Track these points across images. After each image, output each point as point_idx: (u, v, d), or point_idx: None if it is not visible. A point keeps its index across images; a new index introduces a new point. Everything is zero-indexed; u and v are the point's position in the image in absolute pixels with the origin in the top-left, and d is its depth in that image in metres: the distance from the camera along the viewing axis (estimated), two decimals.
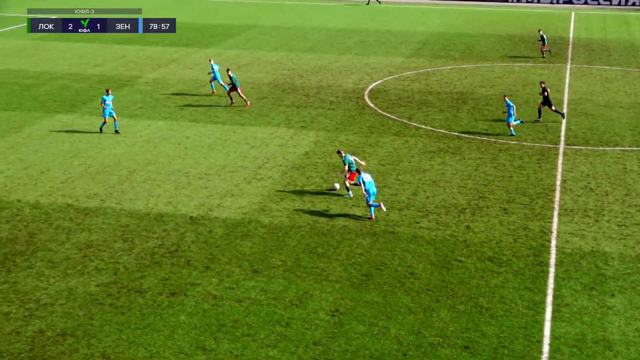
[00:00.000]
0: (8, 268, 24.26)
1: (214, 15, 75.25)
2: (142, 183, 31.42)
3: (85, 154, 34.85)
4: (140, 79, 48.69)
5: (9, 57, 54.92)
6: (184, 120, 40.03)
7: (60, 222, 27.67)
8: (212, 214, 28.36)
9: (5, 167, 33.13)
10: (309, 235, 26.74)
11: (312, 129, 38.75)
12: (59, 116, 40.54)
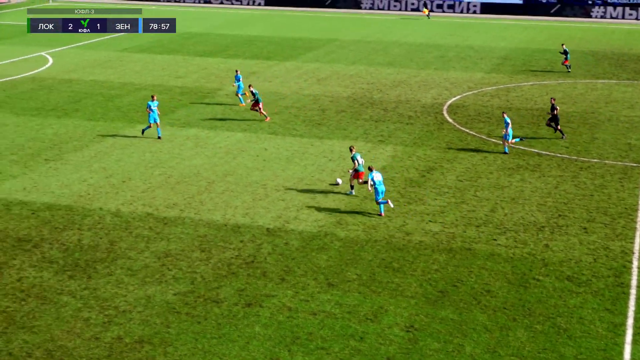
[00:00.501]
0: (89, 275, 24.74)
1: (295, 29, 75.76)
2: (221, 194, 31.74)
3: (166, 164, 35.38)
4: (220, 91, 49.27)
5: (96, 68, 56.18)
6: (263, 133, 40.34)
7: (140, 230, 28.12)
8: (289, 226, 28.48)
9: (88, 176, 33.84)
10: (385, 249, 26.64)
11: (389, 143, 38.65)
12: (141, 126, 41.25)
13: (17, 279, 24.39)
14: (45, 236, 27.60)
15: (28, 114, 43.81)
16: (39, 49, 64.23)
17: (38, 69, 56.19)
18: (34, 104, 45.82)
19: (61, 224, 28.65)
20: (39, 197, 31.28)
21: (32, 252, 26.30)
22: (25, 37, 69.82)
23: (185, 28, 75.86)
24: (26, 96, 47.90)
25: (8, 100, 46.71)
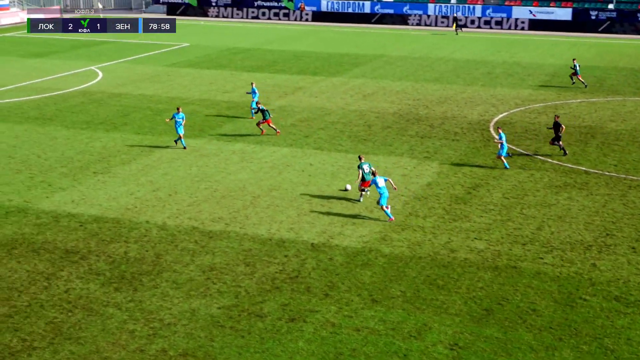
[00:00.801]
0: (135, 287, 24.94)
1: (342, 45, 75.94)
2: (266, 208, 31.84)
3: (212, 178, 35.60)
4: (267, 106, 49.48)
5: (144, 83, 56.82)
6: (309, 148, 40.43)
7: (186, 244, 28.31)
8: (333, 242, 28.47)
9: (136, 189, 34.18)
10: (430, 266, 26.50)
11: (435, 159, 38.50)
12: (187, 140, 41.57)
13: (64, 290, 24.68)
14: (93, 248, 27.91)
15: (78, 127, 44.42)
16: (89, 63, 65.15)
17: (88, 83, 56.98)
18: (84, 118, 46.45)
19: (108, 237, 28.95)
20: (87, 210, 31.65)
21: (80, 264, 26.60)
22: (76, 52, 70.91)
23: (233, 43, 76.47)
24: (76, 109, 48.58)
25: (59, 114, 47.41)
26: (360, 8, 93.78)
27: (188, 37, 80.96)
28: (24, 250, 27.77)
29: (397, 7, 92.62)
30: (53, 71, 61.53)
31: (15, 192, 33.70)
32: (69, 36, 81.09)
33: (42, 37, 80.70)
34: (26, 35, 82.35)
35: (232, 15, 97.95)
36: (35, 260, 26.88)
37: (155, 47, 73.33)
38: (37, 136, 42.51)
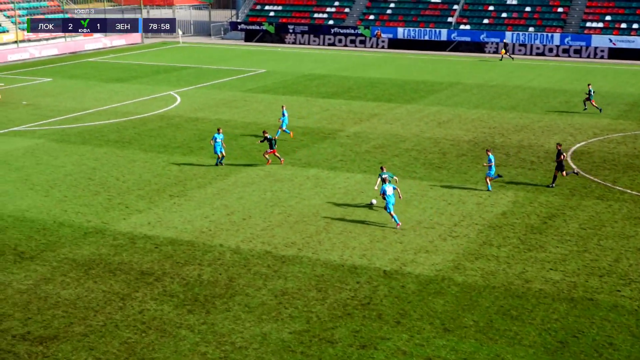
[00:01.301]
0: (207, 310, 25.13)
1: (417, 72, 75.83)
2: (339, 234, 31.83)
3: (285, 203, 35.77)
4: (341, 132, 49.65)
5: (221, 108, 57.52)
6: None
7: (259, 268, 28.45)
8: (406, 269, 28.29)
9: (210, 212, 34.54)
10: (503, 296, 26.11)
11: (510, 188, 38.03)
12: (262, 166, 41.87)
13: (138, 311, 25.01)
14: (167, 270, 28.25)
15: (155, 150, 45.17)
16: (168, 88, 66.29)
17: (167, 107, 57.96)
18: (161, 141, 47.22)
19: (182, 259, 29.28)
20: (163, 232, 32.09)
21: (154, 285, 26.94)
22: (156, 77, 72.24)
23: (309, 70, 76.98)
24: (154, 133, 49.42)
25: (137, 137, 48.30)
26: (436, 36, 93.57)
27: (265, 63, 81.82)
28: (100, 270, 28.25)
29: (473, 35, 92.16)
30: (133, 95, 62.75)
31: (94, 214, 34.38)
32: (150, 61, 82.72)
33: (124, 63, 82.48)
34: (109, 60, 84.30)
35: (309, 42, 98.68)
36: (111, 281, 27.32)
37: (233, 73, 74.25)
38: (116, 159, 43.36)
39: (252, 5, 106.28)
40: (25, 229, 32.54)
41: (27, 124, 52.55)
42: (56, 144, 46.73)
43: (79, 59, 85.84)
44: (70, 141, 47.49)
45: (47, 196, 36.90)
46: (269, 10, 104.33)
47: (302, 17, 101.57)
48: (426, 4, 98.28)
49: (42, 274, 27.96)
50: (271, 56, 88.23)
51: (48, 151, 45.11)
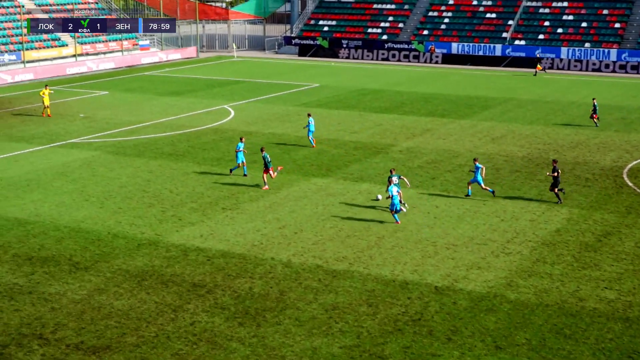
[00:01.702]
0: (258, 323, 25.19)
1: (471, 87, 75.42)
2: (390, 249, 31.72)
3: (337, 218, 35.75)
4: (394, 147, 49.53)
5: (274, 122, 57.78)
6: (435, 190, 40.13)
7: (310, 282, 28.44)
8: (458, 286, 28.06)
9: (262, 226, 34.66)
10: (557, 315, 25.75)
11: (565, 205, 37.56)
12: (315, 179, 41.98)
13: (190, 323, 25.16)
14: (219, 283, 28.39)
15: (209, 163, 45.51)
16: (222, 101, 66.82)
17: (220, 121, 58.41)
18: (215, 155, 47.56)
19: (234, 272, 29.41)
20: (215, 245, 32.28)
21: (206, 298, 27.09)
22: (211, 90, 72.88)
23: (363, 84, 77.03)
24: (208, 147, 49.81)
25: (191, 150, 48.72)
26: (491, 51, 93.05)
27: (318, 77, 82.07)
28: (153, 282, 28.50)
29: (528, 50, 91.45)
30: (188, 109, 63.35)
31: (147, 225, 34.72)
32: (205, 75, 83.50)
33: (179, 76, 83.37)
34: (164, 74, 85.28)
35: (363, 56, 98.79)
36: (163, 292, 27.54)
37: (286, 87, 74.57)
38: (170, 172, 43.78)
39: (306, 20, 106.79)
40: (81, 239, 32.98)
41: (84, 136, 53.35)
42: (112, 156, 47.35)
43: (135, 73, 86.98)
44: (125, 153, 48.08)
45: (102, 207, 37.39)
46: (323, 25, 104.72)
47: (356, 32, 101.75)
48: (481, 19, 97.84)
49: (96, 284, 28.30)
50: (324, 71, 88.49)
51: (104, 163, 45.73)
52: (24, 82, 79.62)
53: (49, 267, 29.83)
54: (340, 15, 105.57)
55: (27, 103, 66.17)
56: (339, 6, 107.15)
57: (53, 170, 43.87)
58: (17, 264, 30.22)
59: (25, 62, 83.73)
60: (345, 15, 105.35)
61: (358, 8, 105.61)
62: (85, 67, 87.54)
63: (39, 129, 55.68)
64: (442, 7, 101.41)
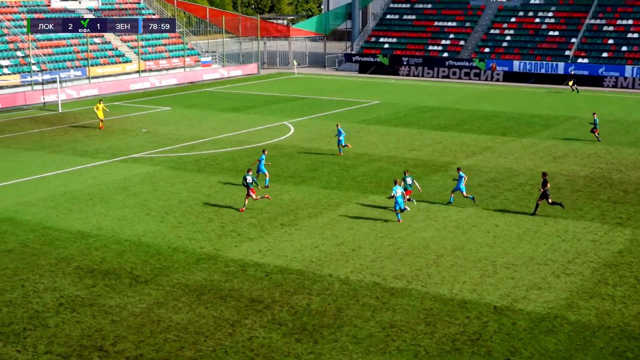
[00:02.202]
0: (315, 339, 25.18)
1: (533, 106, 74.70)
2: (449, 268, 31.49)
3: (395, 235, 35.64)
4: (453, 165, 49.23)
5: (333, 138, 57.75)
6: (495, 209, 39.78)
7: (367, 299, 28.37)
8: (517, 306, 27.73)
9: (320, 242, 34.70)
10: (619, 337, 25.27)
11: (628, 226, 36.91)
12: (373, 197, 41.92)
13: (247, 338, 25.26)
14: (277, 298, 28.47)
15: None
16: (282, 118, 67.19)
17: (280, 137, 58.72)
18: (274, 171, 47.79)
19: (292, 288, 29.47)
20: (273, 260, 32.40)
21: (263, 313, 27.19)
22: (271, 107, 73.36)
23: (422, 102, 76.84)
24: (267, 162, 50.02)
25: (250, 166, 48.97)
26: (553, 69, 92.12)
27: (378, 95, 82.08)
28: (212, 296, 28.70)
29: (592, 68, 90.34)
30: (248, 125, 63.83)
31: (207, 240, 35.02)
32: (265, 91, 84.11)
33: (240, 92, 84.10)
34: (225, 90, 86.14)
35: (423, 74, 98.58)
36: (222, 307, 27.71)
37: (346, 104, 74.70)
38: (229, 187, 44.11)
39: (367, 37, 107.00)
40: (141, 253, 33.39)
41: (146, 151, 54.09)
42: (173, 171, 47.90)
43: (197, 89, 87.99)
44: (186, 169, 48.61)
45: (162, 222, 37.81)
46: (383, 43, 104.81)
47: (417, 50, 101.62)
48: (543, 37, 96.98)
49: (155, 297, 28.59)
50: (385, 88, 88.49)
51: (165, 178, 46.28)
52: (89, 97, 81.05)
53: (110, 280, 30.25)
54: (401, 32, 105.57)
55: (91, 118, 67.33)
56: (399, 23, 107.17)
57: (115, 185, 44.53)
58: (79, 276, 30.71)
59: (90, 78, 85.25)
60: (406, 32, 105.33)
61: (419, 25, 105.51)
62: (149, 83, 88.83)
63: (103, 143, 56.62)
64: (504, 25, 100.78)
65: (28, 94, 75.80)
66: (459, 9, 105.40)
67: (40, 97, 76.40)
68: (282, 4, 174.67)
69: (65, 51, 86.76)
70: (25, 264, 32.07)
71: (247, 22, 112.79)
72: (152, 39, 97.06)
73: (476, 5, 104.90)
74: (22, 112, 72.44)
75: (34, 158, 52.12)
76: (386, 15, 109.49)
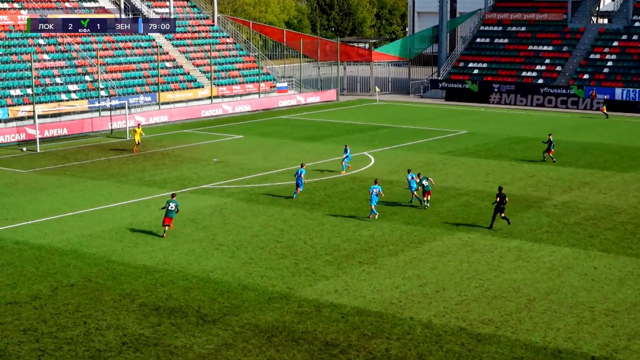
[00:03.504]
0: None
1: (636, 137, 73.38)
2: (542, 313, 30.97)
3: (483, 277, 35.24)
4: (548, 201, 48.56)
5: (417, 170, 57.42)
6: (593, 249, 39.06)
7: (452, 345, 28.05)
8: (617, 357, 27.08)
9: (401, 282, 34.51)
10: None
11: None
12: (459, 234, 41.58)
13: None
14: (353, 342, 28.35)
15: (346, 214, 45.77)
16: (362, 148, 67.27)
17: (359, 168, 58.79)
18: (353, 204, 47.82)
19: (370, 331, 29.33)
20: (350, 301, 32.32)
21: (339, 358, 27.09)
22: (350, 136, 73.55)
23: (515, 132, 76.17)
24: (345, 195, 50.15)
25: (327, 199, 49.17)
26: None
27: (466, 124, 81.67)
28: (283, 338, 28.73)
29: None
30: (325, 155, 64.09)
31: (279, 278, 35.14)
32: (345, 119, 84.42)
33: (318, 120, 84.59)
34: (302, 118, 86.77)
35: (515, 101, 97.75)
36: (294, 351, 27.71)
37: (431, 134, 74.47)
38: (304, 221, 44.28)
39: (454, 62, 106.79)
40: (209, 290, 33.67)
41: (217, 181, 54.72)
42: (244, 204, 48.32)
43: (272, 116, 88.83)
44: (258, 201, 48.99)
45: (232, 257, 38.11)
46: (472, 68, 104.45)
47: (509, 76, 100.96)
48: None
49: (223, 338, 28.75)
50: (473, 116, 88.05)
51: (236, 211, 46.70)
52: (158, 124, 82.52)
53: (176, 319, 30.55)
54: (492, 57, 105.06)
55: (160, 146, 68.53)
56: (490, 47, 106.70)
57: (183, 217, 45.10)
58: (143, 313, 31.09)
59: (160, 104, 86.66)
60: (497, 57, 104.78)
61: (511, 49, 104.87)
62: (221, 109, 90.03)
63: (171, 173, 57.49)
64: (605, 49, 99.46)
65: (95, 120, 77.53)
66: (556, 32, 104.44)
67: (107, 123, 78.05)
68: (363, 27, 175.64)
69: (134, 75, 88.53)
70: (88, 299, 32.64)
71: (326, 45, 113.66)
72: (226, 63, 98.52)
73: (575, 28, 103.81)
74: (88, 139, 74.14)
75: (100, 188, 53.20)
76: (476, 38, 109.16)
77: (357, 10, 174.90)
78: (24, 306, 31.84)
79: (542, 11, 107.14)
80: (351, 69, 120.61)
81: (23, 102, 76.71)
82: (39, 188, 53.08)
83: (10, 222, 44.41)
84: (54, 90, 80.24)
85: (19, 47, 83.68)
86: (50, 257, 38.24)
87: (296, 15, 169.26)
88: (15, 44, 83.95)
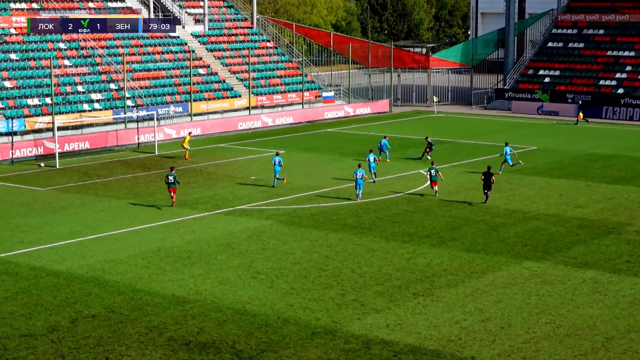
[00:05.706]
0: None
1: None
2: (621, 354, 30.69)
3: (555, 312, 35.01)
4: (629, 227, 48.15)
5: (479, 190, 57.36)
6: None
7: None
8: None
9: (462, 317, 34.38)
10: None
11: None
12: (527, 263, 41.35)
13: None
14: None
15: (399, 239, 45.74)
16: (417, 165, 67.24)
17: (415, 188, 58.73)
18: (407, 229, 47.78)
19: None
20: (403, 338, 32.26)
21: None
22: (404, 151, 73.57)
23: (591, 148, 75.68)
24: (399, 219, 50.12)
25: (379, 223, 49.16)
26: None
27: (535, 138, 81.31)
28: None
29: None
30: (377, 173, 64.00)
31: (324, 310, 35.17)
32: (398, 133, 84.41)
33: (368, 134, 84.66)
34: (350, 131, 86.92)
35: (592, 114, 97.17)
36: None
37: (496, 150, 74.11)
38: (352, 247, 44.32)
39: (523, 69, 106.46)
40: (246, 324, 33.78)
41: (255, 202, 54.94)
42: (285, 227, 48.47)
43: (317, 129, 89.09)
44: (301, 224, 49.11)
45: (271, 287, 38.23)
46: (543, 76, 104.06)
47: (585, 85, 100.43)
48: None
49: None
50: (543, 130, 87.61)
51: (276, 235, 46.86)
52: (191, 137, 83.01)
53: (208, 355, 30.69)
54: (566, 63, 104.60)
55: (192, 163, 69.01)
56: (564, 53, 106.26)
57: (217, 241, 45.35)
58: (172, 349, 31.28)
59: (192, 115, 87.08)
60: (571, 63, 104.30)
61: (588, 55, 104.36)
62: (260, 121, 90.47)
63: (204, 192, 57.84)
64: None
65: (120, 133, 78.29)
66: (638, 36, 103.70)
67: (134, 136, 78.68)
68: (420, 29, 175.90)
69: (164, 83, 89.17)
70: (111, 332, 32.90)
71: (378, 50, 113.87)
72: (266, 69, 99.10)
73: None
74: (113, 153, 74.88)
75: (125, 208, 53.68)
76: (547, 43, 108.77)
77: (413, 10, 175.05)
78: (40, 339, 32.19)
79: (622, 12, 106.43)
80: (406, 77, 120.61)
81: (41, 113, 77.72)
82: (58, 208, 53.70)
83: (26, 246, 44.97)
84: (75, 100, 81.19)
85: (38, 52, 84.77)
86: (70, 284, 38.63)
87: (345, 17, 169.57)
88: (33, 48, 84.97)
